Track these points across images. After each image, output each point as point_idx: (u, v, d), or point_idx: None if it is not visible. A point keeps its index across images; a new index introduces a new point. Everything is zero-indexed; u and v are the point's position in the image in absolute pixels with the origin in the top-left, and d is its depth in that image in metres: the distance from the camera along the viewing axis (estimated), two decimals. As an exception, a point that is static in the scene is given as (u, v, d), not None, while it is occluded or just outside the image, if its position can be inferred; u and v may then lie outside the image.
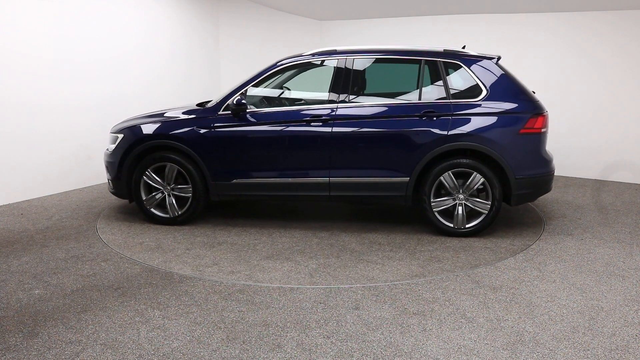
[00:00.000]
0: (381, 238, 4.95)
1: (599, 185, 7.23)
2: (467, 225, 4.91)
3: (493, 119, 4.81)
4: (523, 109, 4.83)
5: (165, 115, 5.37)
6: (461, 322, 3.32)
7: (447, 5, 8.06)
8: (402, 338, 3.12)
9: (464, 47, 5.23)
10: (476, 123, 4.81)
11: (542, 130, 4.88)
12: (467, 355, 2.94)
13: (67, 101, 6.38)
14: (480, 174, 4.80)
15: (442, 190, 4.95)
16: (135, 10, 7.12)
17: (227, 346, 3.02)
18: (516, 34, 8.00)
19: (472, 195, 4.88)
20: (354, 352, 2.97)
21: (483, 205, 4.87)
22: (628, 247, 4.74)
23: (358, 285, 3.87)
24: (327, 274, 4.07)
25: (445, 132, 4.81)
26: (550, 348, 3.02)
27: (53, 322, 3.27)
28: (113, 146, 5.35)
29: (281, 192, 5.11)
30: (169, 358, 2.89)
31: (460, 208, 4.89)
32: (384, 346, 3.03)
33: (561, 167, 7.64)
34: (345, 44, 8.63)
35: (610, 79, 7.49)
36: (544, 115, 4.89)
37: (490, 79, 4.92)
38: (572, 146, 7.74)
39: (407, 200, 4.96)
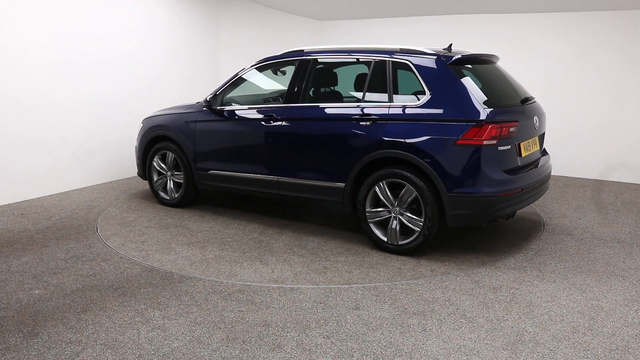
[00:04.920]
0: (317, 243, 4.77)
1: (599, 185, 7.22)
2: (400, 242, 4.46)
3: (428, 126, 4.28)
4: (465, 117, 4.16)
5: (179, 107, 5.97)
6: (461, 322, 3.32)
7: (447, 5, 8.06)
8: (402, 338, 3.13)
9: (450, 46, 4.84)
10: (409, 129, 4.33)
11: (485, 142, 4.12)
12: (467, 355, 2.94)
13: (67, 101, 6.38)
14: (413, 187, 4.32)
15: (380, 201, 4.55)
16: (136, 11, 7.11)
17: (227, 346, 3.02)
18: (516, 34, 7.99)
19: (411, 209, 4.42)
20: (354, 352, 2.97)
21: (416, 222, 4.37)
22: (628, 247, 4.74)
23: (358, 285, 3.87)
24: (206, 265, 4.24)
25: (377, 138, 4.46)
26: (550, 348, 3.02)
27: (53, 322, 3.27)
28: (137, 134, 6.14)
29: (243, 186, 5.37)
30: (169, 358, 2.90)
31: (395, 222, 4.45)
32: (384, 346, 3.03)
33: (561, 167, 7.64)
34: (345, 43, 8.62)
35: (611, 79, 7.48)
36: (493, 126, 4.12)
37: (435, 81, 4.36)
38: (572, 146, 7.74)
39: (346, 207, 4.72)
